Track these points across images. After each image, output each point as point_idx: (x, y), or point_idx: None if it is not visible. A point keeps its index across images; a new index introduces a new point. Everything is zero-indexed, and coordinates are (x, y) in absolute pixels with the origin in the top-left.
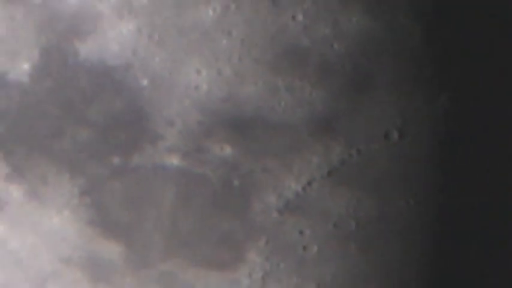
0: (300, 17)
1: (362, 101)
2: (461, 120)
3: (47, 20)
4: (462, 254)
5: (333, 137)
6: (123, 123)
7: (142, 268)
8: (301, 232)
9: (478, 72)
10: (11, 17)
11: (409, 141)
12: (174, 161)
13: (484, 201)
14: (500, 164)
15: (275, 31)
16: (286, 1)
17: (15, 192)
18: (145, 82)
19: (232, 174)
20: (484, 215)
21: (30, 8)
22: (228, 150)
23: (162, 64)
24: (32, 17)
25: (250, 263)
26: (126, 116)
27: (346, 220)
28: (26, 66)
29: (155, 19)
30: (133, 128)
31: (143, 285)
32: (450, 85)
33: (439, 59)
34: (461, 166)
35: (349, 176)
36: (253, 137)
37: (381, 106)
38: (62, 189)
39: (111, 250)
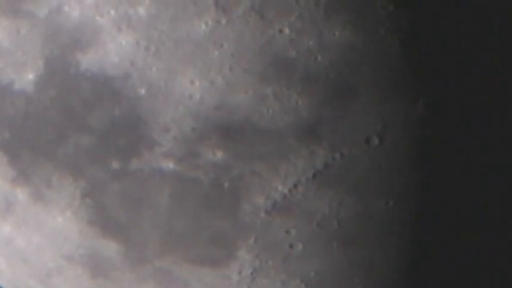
0: (286, 30)
1: (345, 108)
2: (437, 125)
3: (51, 33)
4: (439, 251)
5: (318, 141)
6: (122, 129)
7: (139, 265)
8: (287, 231)
9: (454, 79)
10: (17, 31)
11: (388, 145)
12: (170, 165)
13: (460, 201)
14: (475, 165)
15: (263, 43)
16: (274, 15)
17: (21, 194)
18: (142, 91)
19: (223, 177)
20: (460, 214)
21: (35, 22)
22: (219, 154)
23: (158, 74)
24: (37, 31)
25: (240, 260)
26: (125, 123)
27: (329, 220)
28: (31, 76)
29: (152, 32)
30: (131, 134)
31: (140, 281)
32: (426, 92)
33: (416, 68)
34: (438, 169)
35: (333, 179)
36: (243, 142)
37: (362, 113)
38: (64, 191)
39: (110, 248)
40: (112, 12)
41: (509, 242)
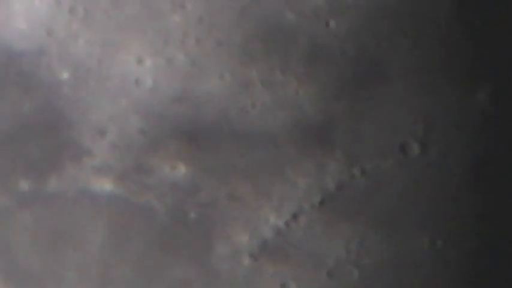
0: None
1: (369, 101)
2: (504, 125)
3: None
4: None
5: (328, 150)
6: (34, 132)
7: None
8: (284, 285)
9: None
10: None
11: (434, 156)
12: (106, 185)
13: None
14: None
15: (247, 2)
16: None
17: None
18: (64, 75)
19: (188, 204)
20: None
21: None
22: (181, 170)
23: (88, 49)
24: None
25: None
26: (39, 122)
27: (346, 267)
28: None
29: None
30: (48, 139)
31: None
32: (491, 78)
33: (477, 41)
34: (505, 190)
35: (351, 206)
36: (216, 151)
37: (396, 108)
38: None
39: None
40: None
41: None
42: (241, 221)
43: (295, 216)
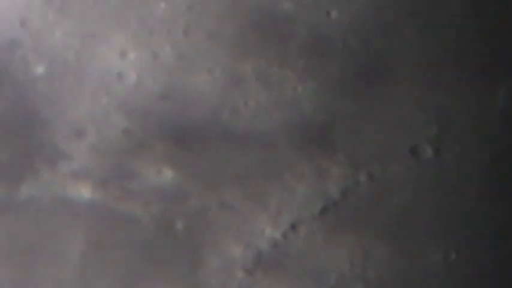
0: None
1: (375, 98)
2: None
3: None
4: None
5: (330, 153)
6: (5, 133)
7: None
8: None
9: None
10: None
11: (449, 159)
12: (85, 192)
13: None
14: None
15: None
16: None
17: None
18: (39, 69)
19: (175, 213)
20: None
21: None
22: (168, 174)
23: (66, 41)
24: None
25: None
26: (10, 121)
27: (350, 282)
28: None
29: None
30: (21, 141)
31: None
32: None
33: (495, 33)
34: None
35: (355, 215)
36: (206, 154)
37: (405, 106)
38: None
39: None
40: None
41: None
42: (234, 231)
43: (293, 227)
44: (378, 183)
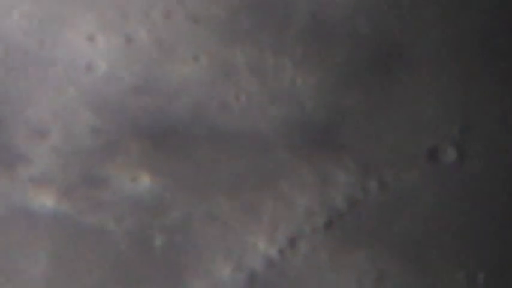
0: None
1: (388, 91)
2: None
3: None
4: None
5: (335, 157)
6: None
7: None
8: None
9: None
10: None
11: (475, 164)
12: (47, 201)
13: None
14: None
15: None
16: None
17: None
18: None
19: (153, 227)
20: None
21: None
22: (144, 181)
23: (25, 25)
24: None
25: None
26: None
27: None
28: None
29: None
30: None
31: None
32: None
33: None
34: None
35: (365, 229)
36: (190, 157)
37: (423, 101)
38: None
39: None
40: None
41: None
42: (222, 248)
43: (292, 242)
44: (390, 192)
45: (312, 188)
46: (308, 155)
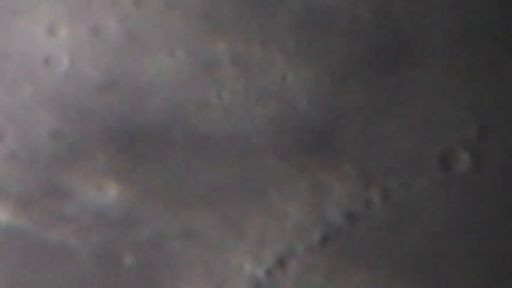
0: None
1: (393, 89)
2: None
3: None
4: None
5: (333, 164)
6: None
7: None
8: None
9: None
10: None
11: (493, 171)
12: (2, 215)
13: None
14: None
15: None
16: None
17: None
18: None
19: (122, 244)
20: None
21: None
22: (112, 192)
23: None
24: None
25: None
26: None
27: None
28: None
29: None
30: None
31: None
32: None
33: None
34: None
35: (366, 247)
36: (165, 165)
37: (433, 100)
38: None
39: None
40: None
41: None
42: (202, 268)
43: (281, 262)
44: (396, 205)
45: (304, 200)
46: (300, 161)
